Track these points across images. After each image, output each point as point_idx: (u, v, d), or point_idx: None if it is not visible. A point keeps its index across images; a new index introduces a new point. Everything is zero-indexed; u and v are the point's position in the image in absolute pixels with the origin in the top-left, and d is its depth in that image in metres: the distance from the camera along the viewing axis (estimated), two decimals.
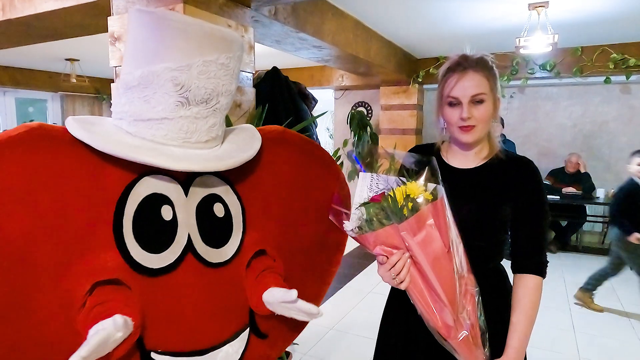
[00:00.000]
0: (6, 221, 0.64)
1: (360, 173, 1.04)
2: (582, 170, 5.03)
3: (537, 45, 3.39)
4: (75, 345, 0.67)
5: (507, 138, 4.93)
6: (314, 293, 1.14)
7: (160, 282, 0.79)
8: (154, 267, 0.77)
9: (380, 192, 0.98)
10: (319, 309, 0.89)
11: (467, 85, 1.06)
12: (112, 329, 0.65)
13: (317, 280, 1.15)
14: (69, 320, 0.70)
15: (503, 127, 4.78)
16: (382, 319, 1.29)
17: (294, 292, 0.84)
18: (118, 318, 0.66)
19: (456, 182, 1.08)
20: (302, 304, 0.86)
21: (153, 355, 0.78)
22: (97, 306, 0.69)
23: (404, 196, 0.94)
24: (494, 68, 1.10)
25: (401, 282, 0.94)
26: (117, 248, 0.74)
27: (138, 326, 0.71)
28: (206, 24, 0.77)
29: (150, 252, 0.77)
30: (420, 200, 0.93)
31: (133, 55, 0.76)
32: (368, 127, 5.65)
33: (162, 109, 0.75)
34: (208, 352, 0.84)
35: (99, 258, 0.72)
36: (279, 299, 0.86)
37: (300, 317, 0.89)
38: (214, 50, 0.76)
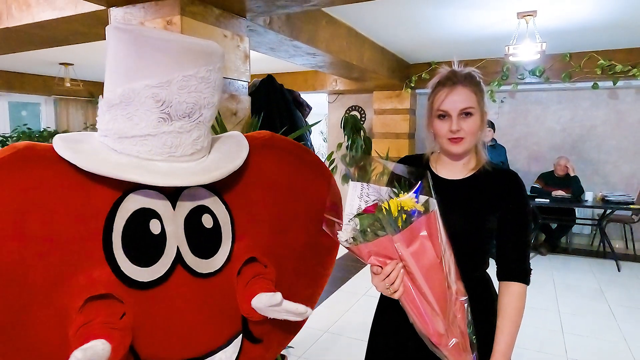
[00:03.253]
0: None
1: (350, 182, 1.06)
2: (571, 174, 5.11)
3: (526, 53, 3.47)
4: None
5: (498, 142, 5.00)
6: (307, 296, 1.15)
7: (152, 295, 0.80)
8: (145, 281, 0.79)
9: (372, 203, 1.00)
10: (307, 307, 0.91)
11: (456, 100, 1.10)
12: None
13: (310, 284, 1.16)
14: (65, 336, 0.71)
15: (494, 131, 4.85)
16: (372, 325, 1.32)
17: (278, 295, 0.86)
18: (78, 353, 0.62)
19: (445, 192, 1.11)
20: (289, 305, 0.89)
21: None
22: (82, 327, 0.70)
23: (399, 208, 0.98)
24: (482, 83, 1.15)
25: (395, 291, 0.97)
26: (108, 263, 0.75)
27: (117, 345, 0.71)
28: (185, 39, 0.77)
29: (140, 266, 0.78)
30: (414, 212, 0.97)
31: (114, 73, 0.76)
32: (362, 131, 5.70)
33: (144, 125, 0.75)
34: None
35: (90, 274, 0.73)
36: (266, 303, 0.88)
37: (291, 318, 0.92)
38: (193, 64, 0.76)
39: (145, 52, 0.74)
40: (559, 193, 5.01)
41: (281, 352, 2.64)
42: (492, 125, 4.79)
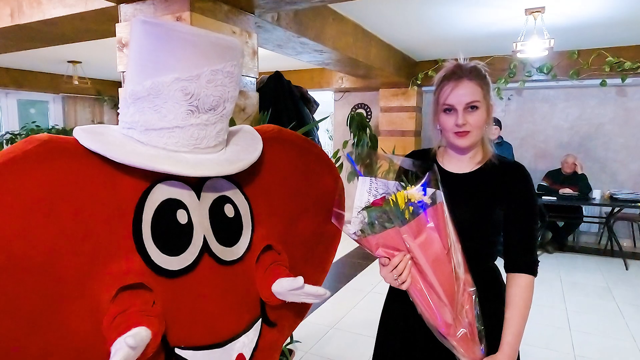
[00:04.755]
0: (31, 235, 0.66)
1: (359, 177, 1.07)
2: (579, 172, 5.08)
3: (534, 50, 3.46)
4: (104, 349, 0.70)
5: (504, 140, 4.98)
6: (314, 280, 1.19)
7: (181, 283, 0.82)
8: (174, 269, 0.80)
9: (380, 196, 1.02)
10: (325, 289, 0.96)
11: (461, 93, 1.11)
12: (126, 350, 0.65)
13: (316, 269, 1.21)
14: (98, 326, 0.72)
15: (501, 129, 4.84)
16: (381, 318, 1.34)
17: (300, 279, 0.91)
18: (129, 339, 0.66)
19: (452, 186, 1.12)
20: (310, 288, 0.94)
21: (177, 350, 0.82)
22: (119, 315, 0.71)
23: (405, 200, 0.99)
24: (487, 76, 1.15)
25: (403, 282, 0.99)
26: (139, 253, 0.76)
27: (157, 331, 0.73)
28: (212, 34, 0.79)
29: (170, 255, 0.80)
30: (420, 204, 0.98)
31: (140, 66, 0.77)
32: (367, 129, 5.70)
33: (173, 117, 0.77)
34: (227, 344, 0.88)
35: (121, 264, 0.74)
36: (288, 288, 0.92)
37: (309, 300, 0.97)
38: (220, 59, 0.78)
39: (176, 46, 0.75)
40: (566, 191, 4.99)
41: (289, 347, 2.66)
42: (498, 122, 4.77)
